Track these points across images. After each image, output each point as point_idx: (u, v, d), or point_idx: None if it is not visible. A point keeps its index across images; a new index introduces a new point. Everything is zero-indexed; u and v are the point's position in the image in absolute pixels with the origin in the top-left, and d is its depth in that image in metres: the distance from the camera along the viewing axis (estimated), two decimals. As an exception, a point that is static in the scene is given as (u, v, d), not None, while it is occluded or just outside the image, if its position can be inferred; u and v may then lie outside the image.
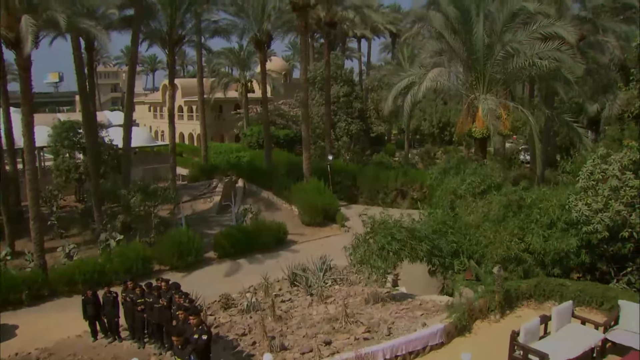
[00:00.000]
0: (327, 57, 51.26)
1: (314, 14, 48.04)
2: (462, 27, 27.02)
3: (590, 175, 19.01)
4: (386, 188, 45.79)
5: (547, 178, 41.04)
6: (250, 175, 47.23)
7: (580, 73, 28.41)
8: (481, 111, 25.34)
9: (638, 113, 20.66)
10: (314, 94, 60.93)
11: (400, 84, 28.28)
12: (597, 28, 36.52)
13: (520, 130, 48.61)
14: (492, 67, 26.69)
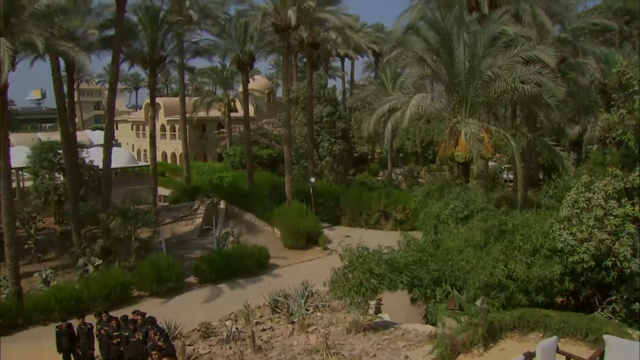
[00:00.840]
0: (309, 78, 51.10)
1: (296, 35, 47.87)
2: (443, 52, 26.89)
3: (574, 204, 18.80)
4: (369, 209, 45.59)
5: (530, 199, 41.01)
6: (232, 197, 46.79)
7: (561, 97, 28.37)
8: (464, 135, 25.17)
9: (620, 139, 20.45)
10: (297, 114, 60.70)
11: (382, 109, 28.06)
12: (577, 50, 36.68)
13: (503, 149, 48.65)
14: (474, 91, 26.56)
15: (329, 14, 43.51)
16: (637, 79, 20.11)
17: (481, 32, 26.63)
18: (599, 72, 37.06)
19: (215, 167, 66.41)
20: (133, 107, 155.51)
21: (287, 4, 40.69)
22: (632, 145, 20.10)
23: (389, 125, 28.11)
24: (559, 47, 36.45)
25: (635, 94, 19.65)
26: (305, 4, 40.25)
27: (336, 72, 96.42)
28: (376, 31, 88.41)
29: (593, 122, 37.19)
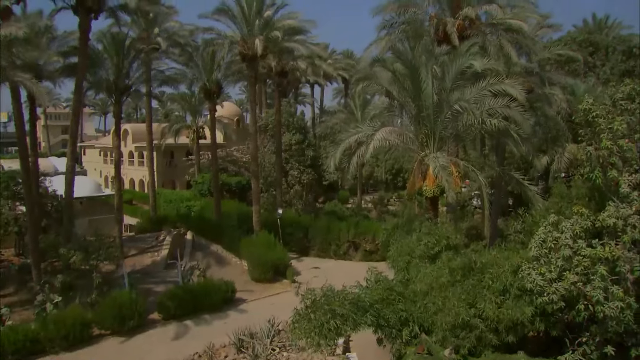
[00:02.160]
0: (277, 107, 50.69)
1: (264, 63, 47.54)
2: (411, 84, 26.67)
3: (543, 244, 18.49)
4: (338, 240, 45.12)
5: (499, 228, 40.91)
6: (200, 227, 46.00)
7: (529, 130, 28.37)
8: (432, 170, 24.84)
9: (588, 176, 20.31)
10: (265, 142, 60.27)
11: (348, 141, 27.65)
12: (543, 81, 36.91)
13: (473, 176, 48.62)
14: (442, 125, 26.32)
15: (297, 44, 43.30)
16: (602, 116, 20.02)
17: (449, 65, 26.45)
18: (565, 103, 37.30)
19: (183, 195, 65.43)
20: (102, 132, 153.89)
21: (254, 34, 40.40)
22: (600, 183, 19.93)
23: (354, 160, 27.69)
24: (526, 77, 36.66)
25: (601, 132, 19.52)
26: (272, 34, 39.97)
27: (306, 99, 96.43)
28: (346, 58, 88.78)
29: (560, 152, 37.34)
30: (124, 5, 37.21)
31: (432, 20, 34.23)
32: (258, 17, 41.10)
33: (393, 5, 34.06)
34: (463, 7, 33.25)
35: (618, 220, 17.76)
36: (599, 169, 19.96)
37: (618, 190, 18.89)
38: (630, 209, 17.84)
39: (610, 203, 18.60)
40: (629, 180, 18.38)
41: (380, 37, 35.06)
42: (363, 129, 28.01)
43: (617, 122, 19.08)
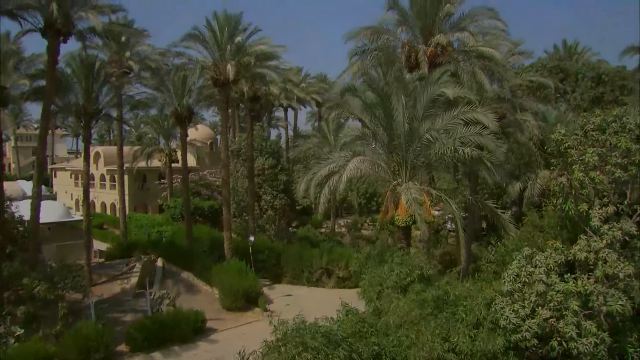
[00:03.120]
0: (249, 132, 50.36)
1: (237, 88, 47.17)
2: (382, 113, 26.44)
3: (516, 278, 18.23)
4: (311, 267, 44.67)
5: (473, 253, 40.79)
6: (171, 253, 45.11)
7: (502, 158, 28.24)
8: (404, 201, 24.50)
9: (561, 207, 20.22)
10: (238, 166, 59.76)
11: (321, 172, 27.25)
12: (515, 107, 37.03)
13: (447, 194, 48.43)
14: (414, 154, 26.09)
15: (268, 70, 43.06)
16: (574, 147, 19.95)
17: (421, 94, 26.28)
18: (537, 129, 37.42)
19: (155, 219, 64.46)
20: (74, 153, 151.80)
21: (226, 59, 40.11)
22: (572, 213, 19.79)
23: (326, 190, 27.29)
24: (498, 104, 36.75)
25: (573, 163, 19.43)
26: (244, 59, 39.73)
27: (279, 123, 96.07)
28: (319, 81, 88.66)
29: (533, 178, 37.40)
30: (94, 28, 36.62)
31: (404, 47, 34.17)
32: (230, 43, 40.87)
33: (365, 31, 33.96)
34: (435, 34, 33.24)
35: (590, 254, 17.59)
36: (571, 200, 19.83)
37: (589, 221, 18.75)
38: (601, 243, 17.68)
39: (582, 236, 18.46)
40: (600, 213, 18.23)
41: (353, 63, 34.91)
42: (334, 158, 27.66)
43: (589, 154, 19.00)
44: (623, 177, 19.40)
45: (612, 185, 19.86)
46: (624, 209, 19.25)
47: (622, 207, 19.16)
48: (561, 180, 19.93)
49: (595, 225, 18.20)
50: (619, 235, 17.81)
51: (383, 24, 35.21)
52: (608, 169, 19.54)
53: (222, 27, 41.67)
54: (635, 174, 19.98)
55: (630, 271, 17.14)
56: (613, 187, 20.05)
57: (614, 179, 19.58)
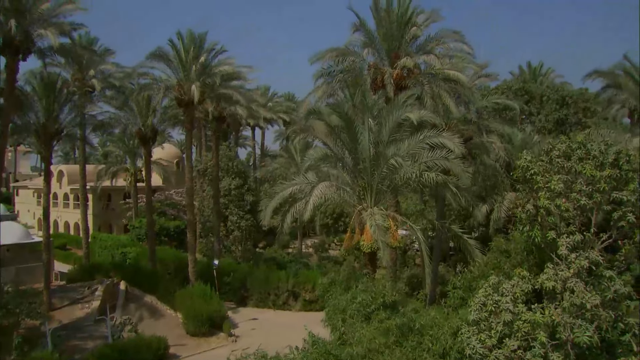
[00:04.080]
0: (215, 152, 49.78)
1: (202, 108, 46.60)
2: (347, 137, 26.14)
3: (483, 307, 17.91)
4: (277, 290, 44.10)
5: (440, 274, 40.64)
6: (134, 276, 44.08)
7: (467, 182, 28.14)
8: (369, 227, 24.10)
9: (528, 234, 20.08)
10: (205, 186, 59.01)
11: (283, 194, 26.80)
12: (481, 129, 37.08)
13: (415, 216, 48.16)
14: (379, 178, 25.77)
15: (233, 90, 42.59)
16: (540, 173, 19.84)
17: (386, 117, 26.05)
18: (503, 151, 37.52)
19: (120, 240, 63.26)
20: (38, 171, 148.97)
21: (190, 79, 39.57)
22: (539, 241, 19.63)
23: (289, 217, 26.83)
24: (464, 126, 36.79)
25: (540, 190, 19.31)
26: (209, 80, 39.23)
27: (247, 142, 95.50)
28: (287, 100, 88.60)
29: (500, 201, 37.41)
30: (53, 47, 35.79)
31: (370, 69, 33.97)
32: (195, 63, 40.38)
33: (331, 53, 33.71)
34: (401, 56, 33.12)
35: (557, 284, 17.39)
36: (538, 227, 19.71)
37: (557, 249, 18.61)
38: (568, 272, 17.49)
39: (549, 265, 18.27)
40: (567, 242, 18.08)
41: (318, 85, 34.63)
42: (298, 181, 27.25)
43: (554, 182, 18.91)
44: (588, 205, 19.37)
45: (578, 212, 19.80)
46: (590, 237, 19.18)
47: (588, 235, 19.08)
48: (527, 207, 19.78)
49: (562, 254, 18.04)
50: (585, 264, 17.66)
51: (349, 45, 35.05)
52: (573, 196, 19.48)
53: (187, 46, 41.19)
54: (599, 201, 19.96)
55: (597, 301, 16.94)
56: (578, 214, 19.99)
57: (579, 206, 19.53)
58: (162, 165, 72.45)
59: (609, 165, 20.46)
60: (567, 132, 49.16)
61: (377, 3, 34.65)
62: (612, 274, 18.34)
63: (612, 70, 35.51)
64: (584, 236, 18.89)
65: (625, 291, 18.46)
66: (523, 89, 52.90)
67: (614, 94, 38.46)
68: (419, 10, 35.39)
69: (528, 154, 21.32)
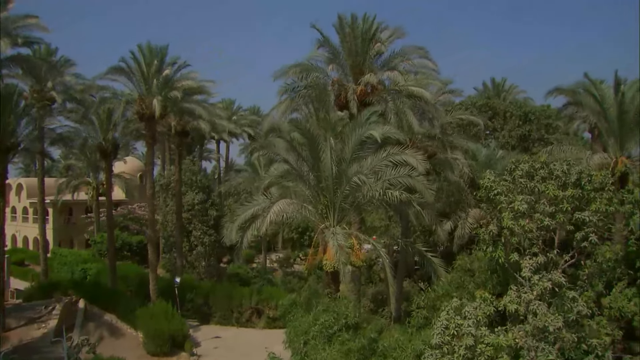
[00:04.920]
0: (178, 167, 49.09)
1: (165, 122, 45.88)
2: (309, 154, 25.81)
3: (445, 330, 17.70)
4: (240, 307, 43.47)
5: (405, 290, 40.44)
6: (94, 294, 42.94)
7: (431, 200, 28.05)
8: (331, 247, 23.74)
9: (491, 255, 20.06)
10: (168, 201, 58.07)
11: (245, 214, 26.34)
12: (445, 145, 37.10)
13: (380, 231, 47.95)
14: (342, 196, 25.46)
15: (196, 105, 42.08)
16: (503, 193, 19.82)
17: (349, 135, 25.80)
18: (467, 167, 37.62)
19: (80, 255, 61.86)
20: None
21: (152, 93, 38.95)
22: (503, 261, 19.58)
23: (248, 235, 26.35)
24: (428, 142, 36.75)
25: (503, 210, 19.26)
26: (171, 94, 38.68)
27: (211, 155, 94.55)
28: (252, 114, 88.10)
29: (464, 217, 37.45)
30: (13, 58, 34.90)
31: (334, 85, 33.67)
32: (157, 76, 39.79)
33: (295, 69, 33.30)
34: (366, 72, 32.93)
35: (520, 306, 17.29)
36: (501, 248, 19.70)
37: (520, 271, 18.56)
38: (531, 294, 17.39)
39: (512, 287, 18.20)
40: (530, 263, 18.02)
41: (282, 101, 34.22)
42: (259, 200, 26.83)
43: (518, 203, 18.89)
44: (551, 225, 19.38)
45: (541, 232, 19.82)
46: (553, 258, 19.18)
47: (551, 255, 19.08)
48: (491, 228, 19.73)
49: (526, 275, 17.97)
50: (548, 286, 17.60)
51: (312, 61, 34.74)
52: (537, 216, 19.49)
53: (149, 60, 40.56)
54: (562, 221, 20.00)
55: (560, 324, 16.88)
56: (542, 234, 20.02)
57: (543, 227, 19.53)
58: (125, 178, 71.34)
59: (571, 185, 20.60)
60: (530, 147, 49.75)
61: (342, 19, 34.47)
62: (575, 295, 18.38)
63: (573, 88, 35.87)
64: (547, 257, 18.89)
65: (587, 312, 18.48)
66: (487, 105, 53.29)
67: (575, 111, 38.80)
68: (384, 27, 35.25)
69: (491, 173, 21.35)
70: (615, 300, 24.06)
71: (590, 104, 32.29)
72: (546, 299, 17.94)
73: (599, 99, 31.05)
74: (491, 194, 20.47)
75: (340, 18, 34.46)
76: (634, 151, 31.98)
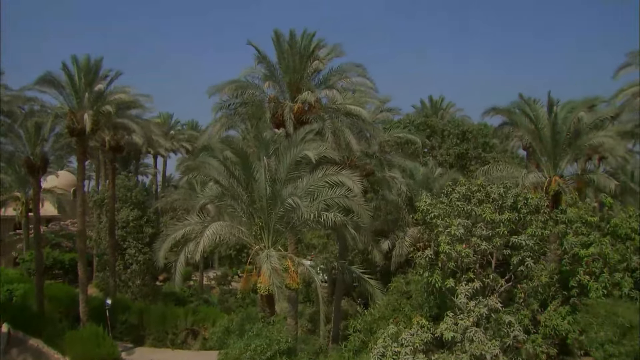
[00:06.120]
0: (111, 183, 47.61)
1: (98, 137, 44.40)
2: (243, 174, 25.11)
3: (382, 358, 17.29)
4: (175, 328, 42.22)
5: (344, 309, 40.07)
6: (19, 317, 40.90)
7: (367, 221, 27.75)
8: (265, 270, 23.04)
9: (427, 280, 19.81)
10: (102, 217, 56.31)
11: (176, 235, 25.42)
12: (383, 164, 36.96)
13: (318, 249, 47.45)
14: (276, 217, 24.84)
15: (129, 120, 40.90)
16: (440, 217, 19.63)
17: (284, 154, 25.24)
18: (405, 186, 37.58)
19: (7, 274, 59.06)
20: None
21: (83, 107, 37.57)
22: (439, 285, 19.33)
23: (182, 258, 25.42)
24: (366, 161, 36.56)
25: (440, 234, 19.06)
26: (103, 108, 37.41)
27: (148, 170, 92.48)
28: (190, 129, 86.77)
29: (402, 236, 37.37)
30: None
31: (270, 103, 33.04)
32: (89, 90, 38.45)
33: (230, 85, 32.53)
34: (303, 90, 32.46)
35: (457, 333, 17.04)
36: (438, 272, 19.48)
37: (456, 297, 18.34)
38: (467, 321, 17.15)
39: (448, 313, 17.95)
40: (466, 289, 17.81)
41: (217, 118, 33.46)
42: (190, 221, 25.97)
43: (454, 227, 18.69)
44: (488, 249, 19.28)
45: (478, 256, 19.70)
46: (490, 282, 19.05)
47: (487, 280, 18.95)
48: (427, 252, 19.50)
49: (461, 302, 17.75)
50: (485, 312, 17.42)
51: (249, 77, 34.07)
52: (474, 240, 19.35)
53: (80, 72, 39.17)
54: (499, 245, 19.93)
55: (497, 351, 16.69)
56: (479, 258, 19.90)
57: (480, 251, 19.42)
58: (57, 194, 68.78)
59: (508, 208, 20.56)
60: (467, 165, 50.25)
61: (279, 35, 33.96)
62: (511, 320, 18.27)
63: (508, 108, 36.45)
64: (483, 282, 18.74)
65: (524, 337, 18.41)
66: (425, 124, 53.64)
67: (510, 130, 39.33)
68: (322, 44, 34.91)
69: (428, 196, 21.16)
70: (550, 319, 24.15)
71: (525, 123, 32.69)
72: (483, 324, 17.77)
73: (534, 119, 31.41)
74: (428, 217, 20.26)
75: (277, 34, 33.94)
76: (566, 170, 32.55)
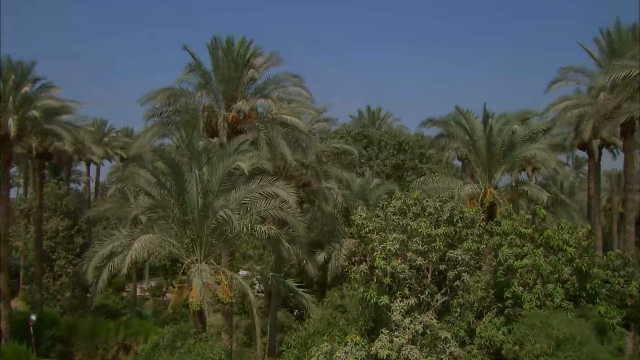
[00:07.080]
0: (39, 191, 45.88)
1: (25, 143, 42.65)
2: (174, 185, 24.30)
3: (316, 377, 16.91)
4: (106, 343, 40.80)
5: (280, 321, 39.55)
6: None
7: (302, 233, 27.38)
8: (195, 285, 22.27)
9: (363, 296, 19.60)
10: (29, 227, 54.09)
11: (104, 251, 24.34)
12: (319, 175, 36.67)
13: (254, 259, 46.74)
14: (208, 229, 24.11)
15: (57, 126, 39.51)
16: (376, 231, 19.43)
17: (216, 165, 24.58)
18: (341, 197, 37.42)
19: None
20: None
21: (8, 111, 36.00)
22: (375, 300, 19.10)
23: (104, 274, 24.36)
24: (302, 172, 36.20)
25: (375, 249, 18.84)
26: (29, 113, 35.99)
27: (80, 177, 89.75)
28: (125, 136, 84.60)
29: (338, 248, 37.14)
30: None
31: (204, 111, 32.22)
32: (14, 94, 36.93)
33: (163, 93, 31.54)
34: (238, 99, 31.80)
35: (392, 351, 16.79)
36: (374, 288, 19.28)
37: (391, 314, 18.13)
38: (403, 338, 16.93)
39: (383, 331, 17.69)
40: (401, 306, 17.60)
41: (148, 127, 32.47)
42: (118, 235, 24.97)
43: (389, 242, 18.48)
44: (424, 265, 19.15)
45: (414, 272, 19.55)
46: (425, 298, 18.92)
47: (423, 296, 18.81)
48: (362, 267, 19.26)
49: (397, 319, 17.53)
50: (420, 329, 17.24)
51: (183, 85, 33.16)
52: (410, 255, 19.18)
53: (6, 76, 37.62)
54: (435, 259, 19.82)
55: (433, 368, 16.52)
56: (414, 274, 19.75)
57: (415, 266, 19.28)
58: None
59: (444, 222, 20.48)
60: (403, 176, 50.49)
61: (216, 41, 33.22)
62: (447, 336, 18.16)
63: (445, 120, 36.72)
64: (418, 298, 18.60)
65: (460, 352, 18.32)
66: (362, 134, 53.65)
67: (447, 141, 39.60)
68: (259, 52, 34.42)
69: (363, 210, 20.92)
70: (485, 329, 24.24)
71: (461, 135, 32.97)
72: (419, 341, 17.60)
73: (469, 131, 31.65)
74: (363, 231, 20.02)
75: (214, 40, 33.20)
76: (501, 182, 32.93)
